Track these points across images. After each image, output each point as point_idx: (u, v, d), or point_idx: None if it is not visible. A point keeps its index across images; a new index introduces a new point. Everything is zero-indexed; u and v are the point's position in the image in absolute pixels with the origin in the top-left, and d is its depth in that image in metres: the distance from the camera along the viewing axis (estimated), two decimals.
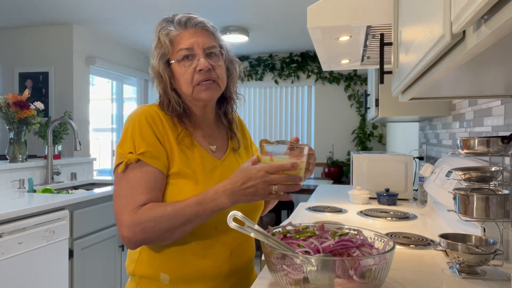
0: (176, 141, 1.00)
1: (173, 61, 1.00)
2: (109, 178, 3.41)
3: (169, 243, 0.96)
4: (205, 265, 0.98)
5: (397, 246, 1.25)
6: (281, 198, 0.90)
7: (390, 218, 1.77)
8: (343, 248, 0.83)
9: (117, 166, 0.96)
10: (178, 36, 1.00)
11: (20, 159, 2.72)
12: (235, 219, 0.84)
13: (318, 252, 0.81)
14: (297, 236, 0.89)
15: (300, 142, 0.99)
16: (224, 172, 1.04)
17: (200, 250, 0.98)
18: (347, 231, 0.93)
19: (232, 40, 4.16)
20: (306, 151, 0.93)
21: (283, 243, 0.84)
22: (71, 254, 2.23)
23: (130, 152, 0.94)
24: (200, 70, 0.98)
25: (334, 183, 4.56)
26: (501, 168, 1.07)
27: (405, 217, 1.79)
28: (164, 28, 1.01)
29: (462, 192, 1.05)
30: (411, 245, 1.30)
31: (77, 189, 2.98)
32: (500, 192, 1.02)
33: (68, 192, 2.64)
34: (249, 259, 1.08)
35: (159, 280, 0.98)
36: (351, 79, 5.02)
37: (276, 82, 5.25)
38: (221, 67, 1.03)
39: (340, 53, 1.68)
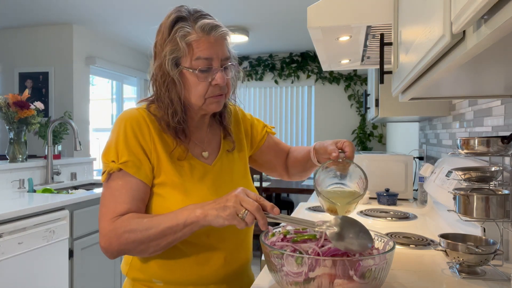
0: (164, 150, 0.95)
1: (187, 68, 0.91)
2: None
3: (148, 256, 0.93)
4: (199, 271, 0.96)
5: (397, 246, 1.25)
6: (240, 227, 0.81)
7: (390, 218, 1.77)
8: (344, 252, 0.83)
9: (103, 174, 0.94)
10: (198, 42, 0.90)
11: (20, 159, 2.72)
12: None
13: (318, 255, 0.81)
14: (297, 238, 0.89)
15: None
16: (216, 177, 1.01)
17: (193, 257, 0.95)
18: None
19: (232, 40, 4.13)
20: (348, 213, 0.91)
21: (305, 220, 0.86)
22: (71, 254, 2.23)
23: (113, 161, 0.91)
24: (216, 84, 0.93)
25: None
26: (501, 168, 1.07)
27: (405, 217, 1.79)
28: (181, 29, 0.90)
29: (462, 192, 1.05)
30: (411, 245, 1.30)
31: (77, 189, 2.98)
32: (500, 192, 1.02)
33: (68, 192, 2.64)
34: (245, 263, 1.05)
35: (152, 282, 0.97)
36: (351, 79, 5.02)
37: (276, 82, 5.25)
38: (231, 80, 0.99)
39: (340, 53, 1.68)
